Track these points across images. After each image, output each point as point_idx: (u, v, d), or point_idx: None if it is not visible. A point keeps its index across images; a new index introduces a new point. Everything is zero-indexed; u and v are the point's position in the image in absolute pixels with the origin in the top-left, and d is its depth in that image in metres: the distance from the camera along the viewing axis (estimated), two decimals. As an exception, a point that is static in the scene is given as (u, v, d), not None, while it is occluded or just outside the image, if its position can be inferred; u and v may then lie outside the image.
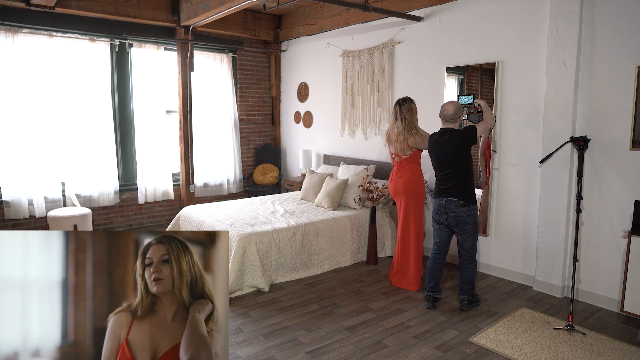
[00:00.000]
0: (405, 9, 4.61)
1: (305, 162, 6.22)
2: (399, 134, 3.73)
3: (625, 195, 3.28)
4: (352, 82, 5.51)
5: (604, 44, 3.31)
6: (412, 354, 2.76)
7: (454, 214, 3.29)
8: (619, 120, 3.27)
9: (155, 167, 5.73)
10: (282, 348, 2.83)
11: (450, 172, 3.28)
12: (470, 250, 3.36)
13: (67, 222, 4.57)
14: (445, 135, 3.30)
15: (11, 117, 4.72)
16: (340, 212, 4.54)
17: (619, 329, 3.10)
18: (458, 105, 3.32)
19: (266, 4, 5.39)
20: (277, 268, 3.92)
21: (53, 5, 4.52)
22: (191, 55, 5.70)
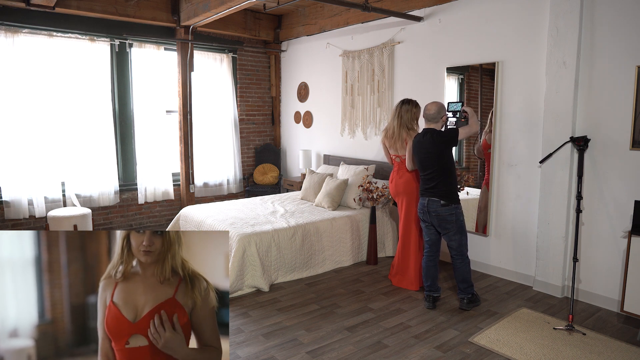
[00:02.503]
0: (405, 9, 4.61)
1: (305, 162, 6.22)
2: (394, 130, 3.76)
3: (625, 195, 3.27)
4: (352, 82, 5.51)
5: (604, 44, 3.31)
6: (412, 354, 2.76)
7: (435, 213, 3.32)
8: (619, 120, 3.27)
9: (155, 167, 5.73)
10: (282, 348, 2.83)
11: (432, 172, 3.32)
12: (458, 249, 3.37)
13: (67, 222, 4.57)
14: (427, 135, 3.33)
15: (11, 117, 4.72)
16: (340, 212, 4.54)
17: (619, 329, 3.10)
18: (441, 106, 3.36)
19: (266, 4, 5.39)
20: (277, 268, 3.92)
21: (53, 5, 4.52)
22: (191, 55, 5.70)
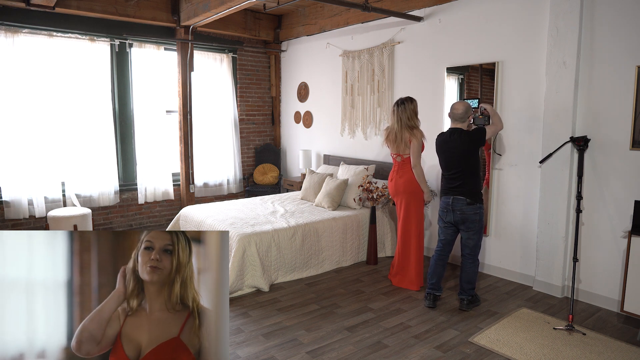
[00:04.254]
0: (405, 9, 4.61)
1: (305, 162, 6.22)
2: (396, 134, 3.73)
3: (625, 195, 3.27)
4: (352, 82, 5.51)
5: (604, 44, 3.31)
6: (412, 354, 2.76)
7: (460, 212, 3.31)
8: (619, 120, 3.27)
9: (155, 167, 5.73)
10: (282, 348, 2.83)
11: (458, 172, 3.30)
12: (473, 248, 3.37)
13: (67, 222, 4.57)
14: (454, 135, 3.31)
15: (11, 117, 4.72)
16: (340, 212, 4.54)
17: (619, 329, 3.10)
18: (468, 106, 3.33)
19: (266, 4, 5.39)
20: (277, 268, 3.92)
21: (53, 5, 4.52)
22: (191, 55, 5.70)
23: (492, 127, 3.41)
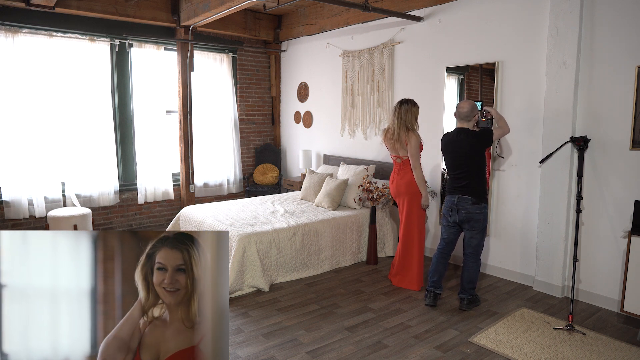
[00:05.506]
0: (405, 9, 4.61)
1: (305, 162, 6.22)
2: (394, 132, 3.73)
3: (625, 195, 3.27)
4: (352, 82, 5.51)
5: (604, 44, 3.31)
6: (412, 354, 2.76)
7: (465, 211, 3.31)
8: (619, 120, 3.27)
9: (155, 167, 5.73)
10: (282, 348, 2.83)
11: (464, 171, 3.30)
12: (476, 248, 3.37)
13: (67, 222, 4.57)
14: (461, 134, 3.31)
15: (11, 117, 4.72)
16: (340, 212, 4.54)
17: (619, 329, 3.10)
18: (473, 104, 3.32)
19: (266, 4, 5.39)
20: (277, 268, 3.92)
21: (53, 5, 4.52)
22: (191, 55, 5.70)
23: (499, 130, 3.40)
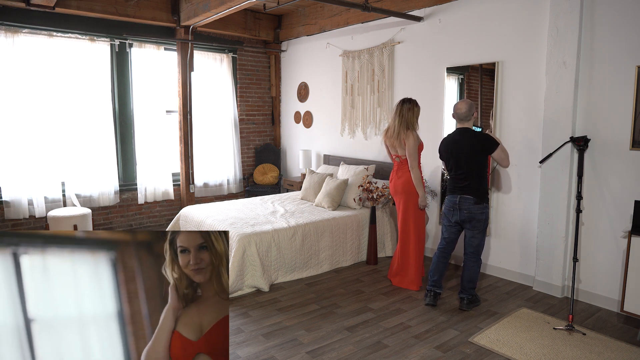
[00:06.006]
0: (405, 9, 4.61)
1: (305, 162, 6.22)
2: (395, 129, 3.72)
3: (625, 195, 3.27)
4: (352, 82, 5.51)
5: (604, 44, 3.31)
6: (412, 354, 2.76)
7: (467, 210, 3.31)
8: (619, 120, 3.27)
9: (155, 167, 5.73)
10: (282, 348, 2.83)
11: (466, 171, 3.30)
12: (477, 247, 3.37)
13: (67, 222, 4.57)
14: (464, 134, 3.31)
15: (11, 117, 4.72)
16: (340, 212, 4.54)
17: (619, 329, 3.10)
18: (470, 103, 3.32)
19: (266, 4, 5.39)
20: (277, 268, 3.92)
21: (53, 5, 4.52)
22: (191, 55, 5.70)
23: (502, 154, 3.28)
